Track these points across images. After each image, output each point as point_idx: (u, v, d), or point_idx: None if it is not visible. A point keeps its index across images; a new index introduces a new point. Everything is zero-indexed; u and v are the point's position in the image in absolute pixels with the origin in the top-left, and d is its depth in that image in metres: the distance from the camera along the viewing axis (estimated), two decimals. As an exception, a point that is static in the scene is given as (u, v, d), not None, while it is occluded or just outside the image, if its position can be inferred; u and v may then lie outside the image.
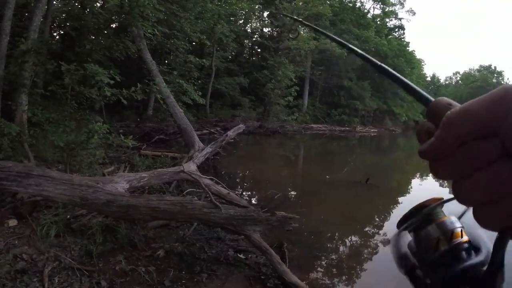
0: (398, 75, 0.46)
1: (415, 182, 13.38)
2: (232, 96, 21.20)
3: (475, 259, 0.38)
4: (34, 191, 3.67)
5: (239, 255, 4.34)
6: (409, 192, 10.82)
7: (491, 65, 79.44)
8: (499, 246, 0.32)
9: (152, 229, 4.60)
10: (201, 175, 5.79)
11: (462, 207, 0.41)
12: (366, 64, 0.58)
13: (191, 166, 6.37)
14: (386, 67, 0.50)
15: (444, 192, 11.24)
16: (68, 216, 4.28)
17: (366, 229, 6.52)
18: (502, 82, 72.73)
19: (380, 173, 13.61)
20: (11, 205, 4.44)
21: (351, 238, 5.95)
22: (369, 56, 0.56)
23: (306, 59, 26.61)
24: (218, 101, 20.65)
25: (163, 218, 4.46)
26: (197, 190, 5.64)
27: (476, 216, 0.28)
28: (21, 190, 3.76)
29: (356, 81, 32.83)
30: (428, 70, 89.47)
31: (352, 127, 30.08)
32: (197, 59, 15.53)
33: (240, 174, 10.07)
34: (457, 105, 0.30)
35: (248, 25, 25.98)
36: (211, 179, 5.55)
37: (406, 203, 9.16)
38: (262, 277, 3.84)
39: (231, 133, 9.39)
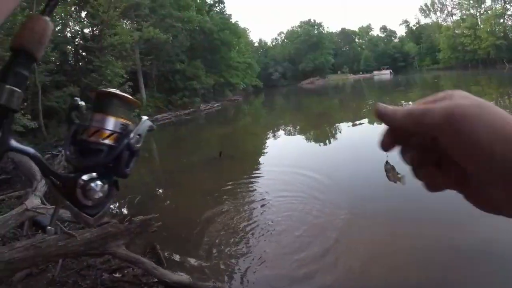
0: None
1: (267, 142, 14.63)
2: (66, 110, 18.75)
3: None
4: None
5: (114, 275, 4.13)
6: (262, 154, 11.85)
7: (310, 19, 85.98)
8: None
9: (19, 283, 3.99)
10: (48, 207, 5.22)
11: None
12: (194, 43, 0.57)
13: (33, 201, 5.61)
14: None
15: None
16: None
17: (228, 200, 6.91)
18: (323, 31, 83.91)
19: (233, 143, 14.50)
20: None
21: (219, 212, 6.22)
22: None
23: (133, 52, 25.51)
24: (53, 119, 17.98)
25: (23, 267, 3.91)
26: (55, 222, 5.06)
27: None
28: None
29: (188, 62, 33.14)
30: (255, 37, 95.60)
31: (196, 107, 30.59)
32: (16, 80, 13.45)
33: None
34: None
35: (68, 30, 23.08)
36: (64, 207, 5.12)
37: (259, 164, 10.08)
38: (146, 287, 3.76)
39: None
